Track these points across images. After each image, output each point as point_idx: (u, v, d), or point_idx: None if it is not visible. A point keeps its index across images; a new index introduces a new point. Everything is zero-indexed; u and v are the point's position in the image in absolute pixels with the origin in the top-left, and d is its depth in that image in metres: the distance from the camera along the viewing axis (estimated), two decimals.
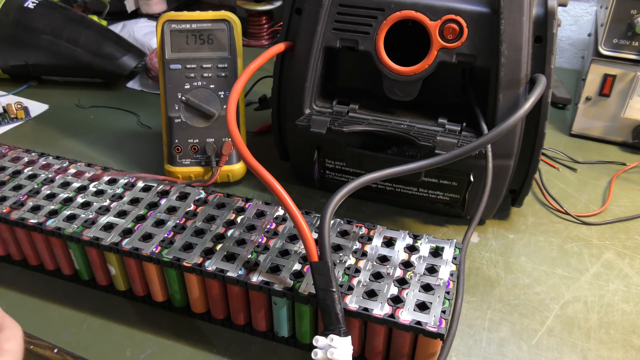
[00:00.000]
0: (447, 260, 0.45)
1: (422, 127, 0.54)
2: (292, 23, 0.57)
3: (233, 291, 0.45)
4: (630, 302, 0.51)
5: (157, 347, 0.47)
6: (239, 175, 0.65)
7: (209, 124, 0.63)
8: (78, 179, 0.54)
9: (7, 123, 0.79)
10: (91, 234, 0.47)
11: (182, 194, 0.52)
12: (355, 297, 0.41)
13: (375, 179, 0.44)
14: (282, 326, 0.46)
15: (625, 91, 0.70)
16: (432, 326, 0.39)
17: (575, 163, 0.71)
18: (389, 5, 0.52)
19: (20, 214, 0.49)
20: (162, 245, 0.46)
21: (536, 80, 0.49)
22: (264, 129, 0.77)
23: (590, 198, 0.65)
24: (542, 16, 0.49)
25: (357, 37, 0.53)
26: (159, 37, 0.62)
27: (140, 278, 0.49)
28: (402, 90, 0.54)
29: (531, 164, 0.55)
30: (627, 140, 0.74)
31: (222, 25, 0.62)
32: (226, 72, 0.63)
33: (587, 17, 0.98)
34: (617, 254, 0.57)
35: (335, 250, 0.46)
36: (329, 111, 0.57)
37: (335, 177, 0.63)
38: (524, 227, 0.60)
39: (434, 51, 0.51)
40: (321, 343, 0.38)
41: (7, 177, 0.54)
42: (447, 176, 0.57)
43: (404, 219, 0.61)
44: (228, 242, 0.47)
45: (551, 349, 0.47)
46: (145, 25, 1.00)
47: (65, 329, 0.48)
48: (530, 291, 0.52)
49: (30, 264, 0.54)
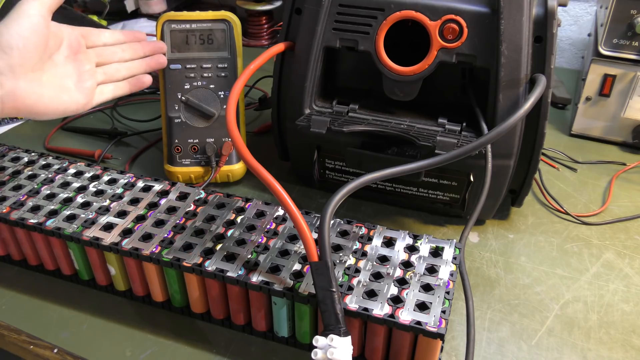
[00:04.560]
0: (447, 260, 0.45)
1: (422, 127, 0.54)
2: (292, 23, 0.57)
3: (233, 291, 0.45)
4: (630, 302, 0.51)
5: (157, 347, 0.47)
6: (239, 175, 0.65)
7: (209, 124, 0.63)
8: (78, 179, 0.54)
9: (7, 123, 0.79)
10: (91, 234, 0.47)
11: (182, 194, 0.52)
12: (355, 297, 0.41)
13: (375, 179, 0.44)
14: (282, 326, 0.46)
15: (625, 91, 0.70)
16: (432, 326, 0.39)
17: (575, 163, 0.71)
18: (389, 5, 0.52)
19: (20, 214, 0.49)
20: (162, 245, 0.46)
21: (536, 80, 0.49)
22: (264, 129, 0.77)
23: (590, 198, 0.65)
24: (542, 16, 0.49)
25: (357, 37, 0.53)
26: (159, 37, 0.62)
27: (140, 278, 0.49)
28: (402, 90, 0.54)
29: (531, 164, 0.55)
30: (627, 140, 0.74)
31: (222, 25, 0.62)
32: (226, 72, 0.63)
33: (587, 17, 0.98)
34: (617, 254, 0.57)
35: (335, 250, 0.46)
36: (329, 111, 0.57)
37: (335, 177, 0.63)
38: (524, 227, 0.60)
39: (433, 51, 0.51)
40: (321, 343, 0.38)
41: (7, 177, 0.54)
42: (447, 176, 0.57)
43: (404, 219, 0.61)
44: (228, 242, 0.47)
45: (551, 349, 0.47)
46: (145, 25, 1.00)
47: (65, 329, 0.48)
48: (530, 291, 0.52)
49: (30, 264, 0.54)
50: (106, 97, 0.52)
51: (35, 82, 0.45)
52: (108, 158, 0.70)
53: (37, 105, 0.44)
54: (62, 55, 0.48)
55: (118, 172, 0.55)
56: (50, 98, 0.45)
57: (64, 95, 0.47)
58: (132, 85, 0.53)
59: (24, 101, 0.43)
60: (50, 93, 0.45)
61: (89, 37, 0.51)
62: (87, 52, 0.50)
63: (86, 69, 0.50)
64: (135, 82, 0.53)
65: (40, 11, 0.45)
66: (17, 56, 0.43)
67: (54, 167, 0.56)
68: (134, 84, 0.53)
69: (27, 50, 0.44)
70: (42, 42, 0.45)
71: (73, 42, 0.49)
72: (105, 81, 0.52)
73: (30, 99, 0.44)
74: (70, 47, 0.49)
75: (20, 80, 0.43)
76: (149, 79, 0.53)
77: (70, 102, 0.47)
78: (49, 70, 0.46)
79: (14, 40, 0.43)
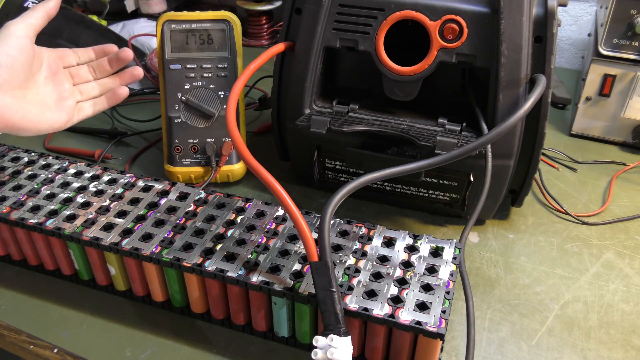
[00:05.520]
0: (447, 260, 0.45)
1: (422, 127, 0.54)
2: (292, 23, 0.57)
3: (233, 291, 0.45)
4: (630, 302, 0.51)
5: (157, 347, 0.47)
6: (239, 175, 0.65)
7: (209, 124, 0.63)
8: (78, 179, 0.54)
9: None
10: (91, 234, 0.47)
11: (182, 194, 0.52)
12: (355, 297, 0.41)
13: (375, 179, 0.44)
14: (282, 326, 0.46)
15: (625, 91, 0.70)
16: (432, 326, 0.39)
17: (575, 163, 0.71)
18: (389, 5, 0.52)
19: (20, 214, 0.49)
20: (162, 245, 0.46)
21: (536, 80, 0.49)
22: (264, 129, 0.77)
23: (590, 198, 0.65)
24: (542, 16, 0.49)
25: (357, 37, 0.53)
26: (159, 37, 0.62)
27: (140, 278, 0.49)
28: (402, 90, 0.54)
29: (531, 164, 0.55)
30: (627, 140, 0.74)
31: (222, 25, 0.62)
32: (226, 72, 0.63)
33: (587, 17, 0.98)
34: (617, 254, 0.57)
35: (335, 250, 0.46)
36: (329, 111, 0.57)
37: (335, 177, 0.63)
38: (524, 227, 0.60)
39: (434, 51, 0.51)
40: (321, 343, 0.38)
41: (7, 177, 0.54)
42: (447, 176, 0.57)
43: (404, 219, 0.61)
44: (228, 242, 0.47)
45: (551, 349, 0.47)
46: (145, 25, 1.00)
47: (65, 329, 0.48)
48: (530, 291, 0.52)
49: (30, 264, 0.54)
50: (86, 113, 0.53)
51: (21, 100, 0.46)
52: (108, 158, 0.70)
53: (23, 122, 0.46)
54: (43, 75, 0.50)
55: (118, 172, 0.55)
56: (35, 115, 0.47)
57: (48, 113, 0.49)
58: (109, 99, 0.55)
59: (11, 117, 0.45)
60: (35, 110, 0.47)
61: (65, 58, 0.53)
62: (65, 72, 0.53)
63: (65, 88, 0.52)
64: (111, 95, 0.55)
65: (26, 32, 0.47)
66: (6, 74, 0.45)
67: (54, 167, 0.56)
68: (111, 98, 0.55)
69: (15, 68, 0.45)
70: (28, 61, 0.47)
71: (52, 63, 0.51)
72: (83, 99, 0.53)
73: (17, 115, 0.45)
74: (50, 68, 0.51)
75: (7, 97, 0.45)
76: (125, 91, 0.55)
77: (53, 120, 0.49)
78: (32, 89, 0.48)
79: (3, 58, 0.45)
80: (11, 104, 0.45)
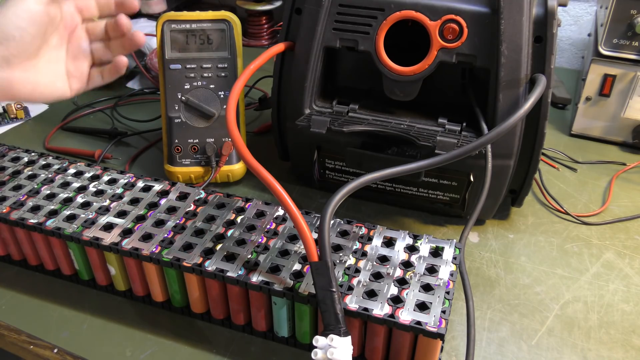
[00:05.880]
0: (447, 260, 0.45)
1: (422, 127, 0.54)
2: (292, 23, 0.57)
3: (233, 291, 0.45)
4: (630, 302, 0.51)
5: (157, 347, 0.47)
6: (239, 175, 0.65)
7: (209, 124, 0.63)
8: (78, 179, 0.54)
9: (7, 123, 0.79)
10: (91, 234, 0.47)
11: (182, 194, 0.52)
12: (355, 297, 0.41)
13: (375, 179, 0.44)
14: (282, 326, 0.46)
15: (625, 91, 0.70)
16: (432, 326, 0.39)
17: (575, 163, 0.71)
18: (389, 5, 0.52)
19: (20, 214, 0.49)
20: (162, 245, 0.46)
21: (536, 80, 0.49)
22: (264, 129, 0.77)
23: (590, 198, 0.65)
24: (542, 16, 0.49)
25: (357, 37, 0.53)
26: (159, 37, 0.62)
27: (140, 278, 0.49)
28: (402, 90, 0.54)
29: (531, 164, 0.55)
30: (627, 140, 0.74)
31: (222, 25, 0.62)
32: (226, 72, 0.63)
33: (587, 17, 0.98)
34: (617, 254, 0.57)
35: (335, 250, 0.46)
36: (329, 111, 0.57)
37: (335, 177, 0.63)
38: (524, 227, 0.60)
39: (434, 51, 0.51)
40: (321, 343, 0.38)
41: (7, 177, 0.54)
42: (447, 176, 0.57)
43: (404, 219, 0.61)
44: (228, 242, 0.47)
45: (551, 349, 0.47)
46: (145, 25, 1.00)
47: (65, 329, 0.48)
48: (530, 291, 0.52)
49: (30, 264, 0.54)
50: (96, 83, 0.50)
51: (31, 71, 0.44)
52: (108, 158, 0.70)
53: (32, 94, 0.44)
54: (57, 37, 0.46)
55: (118, 172, 0.55)
56: (45, 86, 0.45)
57: (59, 82, 0.46)
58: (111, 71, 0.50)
59: (20, 90, 0.43)
60: (45, 80, 0.45)
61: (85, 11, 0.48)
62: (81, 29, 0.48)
63: (80, 48, 0.48)
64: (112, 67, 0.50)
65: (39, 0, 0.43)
66: (14, 47, 0.42)
67: (54, 167, 0.56)
68: (112, 69, 0.50)
69: (24, 41, 0.43)
70: (40, 31, 0.43)
71: (69, 21, 0.47)
72: (96, 64, 0.50)
73: (26, 88, 0.44)
74: (66, 27, 0.47)
75: (16, 71, 0.43)
76: (124, 61, 0.50)
77: (63, 90, 0.47)
78: (44, 56, 0.45)
79: (11, 31, 0.42)
80: (20, 77, 0.43)
